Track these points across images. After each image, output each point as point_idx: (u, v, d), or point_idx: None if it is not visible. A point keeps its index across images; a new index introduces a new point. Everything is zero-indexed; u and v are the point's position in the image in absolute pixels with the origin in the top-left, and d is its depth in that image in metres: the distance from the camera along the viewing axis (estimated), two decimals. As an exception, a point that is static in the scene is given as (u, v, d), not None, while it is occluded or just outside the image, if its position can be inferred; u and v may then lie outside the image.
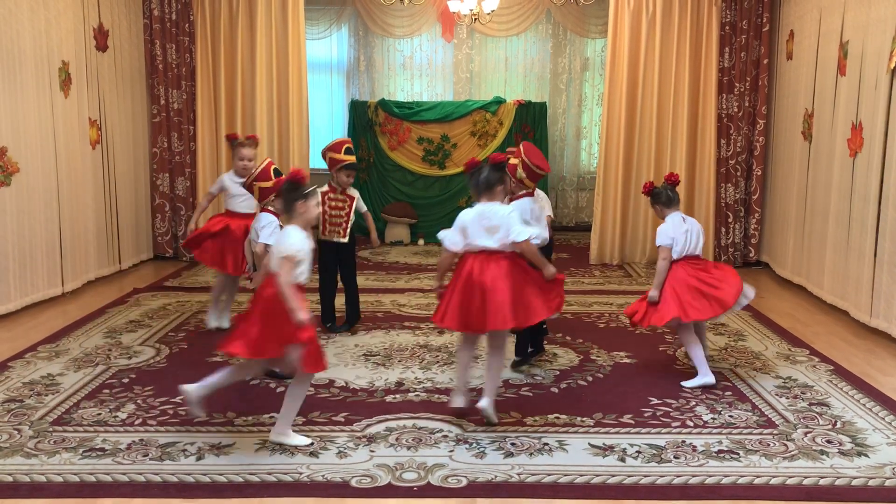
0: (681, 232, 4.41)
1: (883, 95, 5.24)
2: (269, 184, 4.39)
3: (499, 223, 3.72)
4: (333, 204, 5.26)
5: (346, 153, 5.20)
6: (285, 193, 3.55)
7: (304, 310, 3.32)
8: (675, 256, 4.40)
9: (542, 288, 3.79)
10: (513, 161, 4.41)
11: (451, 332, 5.40)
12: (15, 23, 5.64)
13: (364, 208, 5.40)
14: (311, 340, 3.33)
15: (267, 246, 4.29)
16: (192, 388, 3.55)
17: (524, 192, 4.43)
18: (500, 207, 3.80)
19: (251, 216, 4.95)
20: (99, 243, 6.92)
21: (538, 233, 3.94)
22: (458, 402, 3.90)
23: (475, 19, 8.22)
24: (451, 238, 3.82)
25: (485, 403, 3.78)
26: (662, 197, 4.53)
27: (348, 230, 5.28)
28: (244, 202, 5.21)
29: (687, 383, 4.37)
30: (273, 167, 4.46)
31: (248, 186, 4.49)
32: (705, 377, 4.35)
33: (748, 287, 4.40)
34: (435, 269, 7.58)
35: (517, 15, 9.83)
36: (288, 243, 3.41)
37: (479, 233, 3.73)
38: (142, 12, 7.75)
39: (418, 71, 10.18)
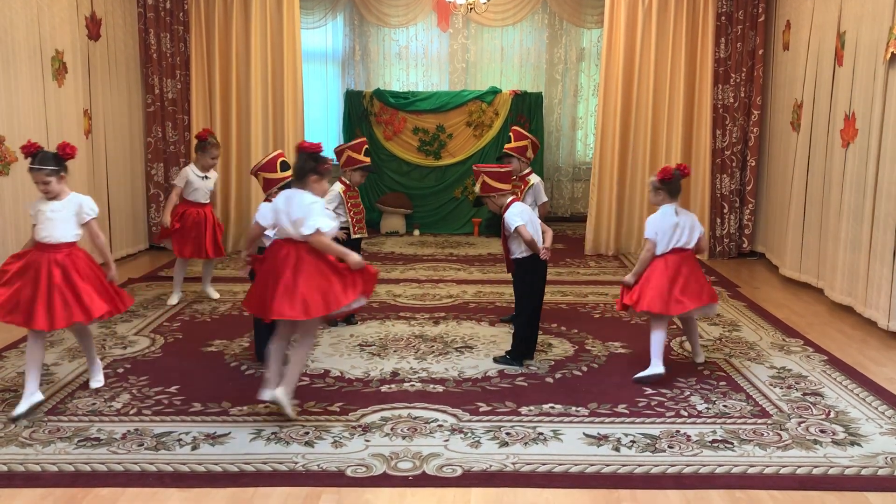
0: (669, 225, 4.26)
1: (880, 86, 5.24)
2: (274, 175, 4.43)
3: None
4: (354, 201, 5.34)
5: (365, 154, 5.32)
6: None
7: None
8: (660, 251, 4.28)
9: None
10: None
11: (447, 322, 5.42)
12: (9, 11, 5.60)
13: None
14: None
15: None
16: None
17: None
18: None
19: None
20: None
21: None
22: None
23: (471, 9, 8.20)
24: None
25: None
26: (674, 185, 4.31)
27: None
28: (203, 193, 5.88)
29: (639, 375, 4.29)
30: (281, 160, 4.48)
31: (253, 175, 4.62)
32: (655, 368, 4.24)
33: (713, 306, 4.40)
34: (429, 259, 7.61)
35: (513, 4, 9.80)
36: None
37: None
38: (136, 1, 7.70)
39: (414, 61, 10.15)
